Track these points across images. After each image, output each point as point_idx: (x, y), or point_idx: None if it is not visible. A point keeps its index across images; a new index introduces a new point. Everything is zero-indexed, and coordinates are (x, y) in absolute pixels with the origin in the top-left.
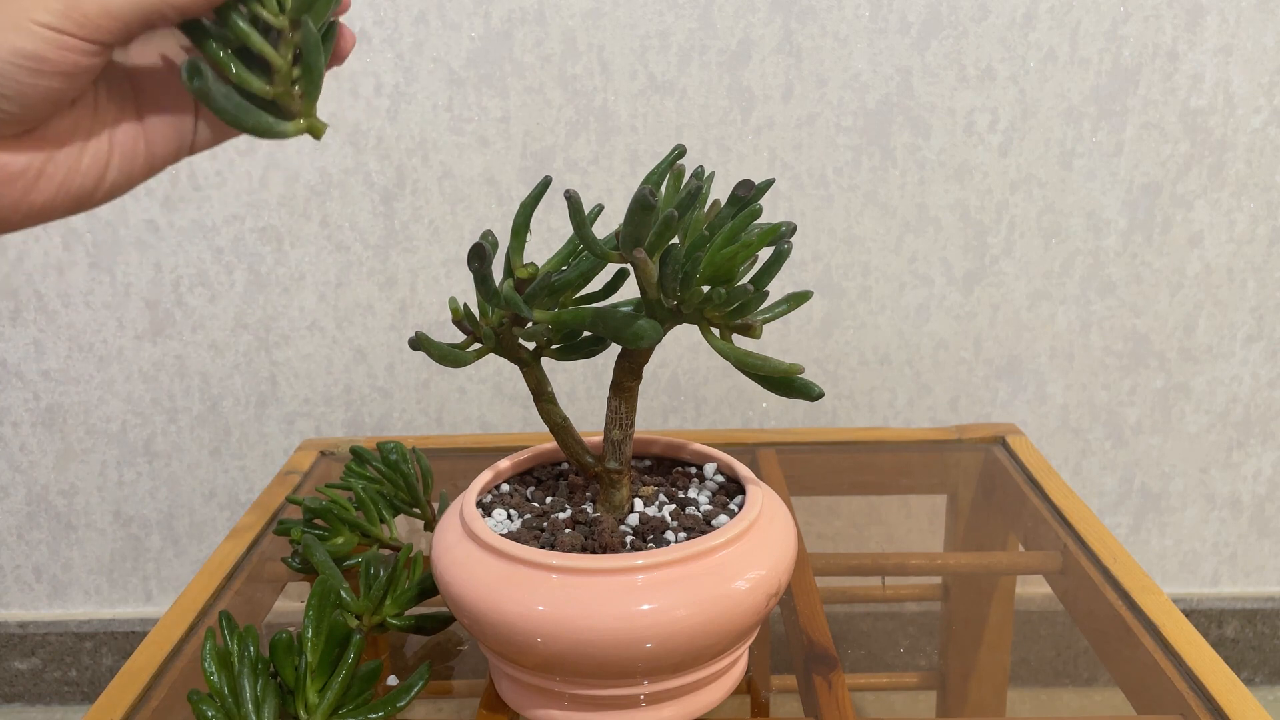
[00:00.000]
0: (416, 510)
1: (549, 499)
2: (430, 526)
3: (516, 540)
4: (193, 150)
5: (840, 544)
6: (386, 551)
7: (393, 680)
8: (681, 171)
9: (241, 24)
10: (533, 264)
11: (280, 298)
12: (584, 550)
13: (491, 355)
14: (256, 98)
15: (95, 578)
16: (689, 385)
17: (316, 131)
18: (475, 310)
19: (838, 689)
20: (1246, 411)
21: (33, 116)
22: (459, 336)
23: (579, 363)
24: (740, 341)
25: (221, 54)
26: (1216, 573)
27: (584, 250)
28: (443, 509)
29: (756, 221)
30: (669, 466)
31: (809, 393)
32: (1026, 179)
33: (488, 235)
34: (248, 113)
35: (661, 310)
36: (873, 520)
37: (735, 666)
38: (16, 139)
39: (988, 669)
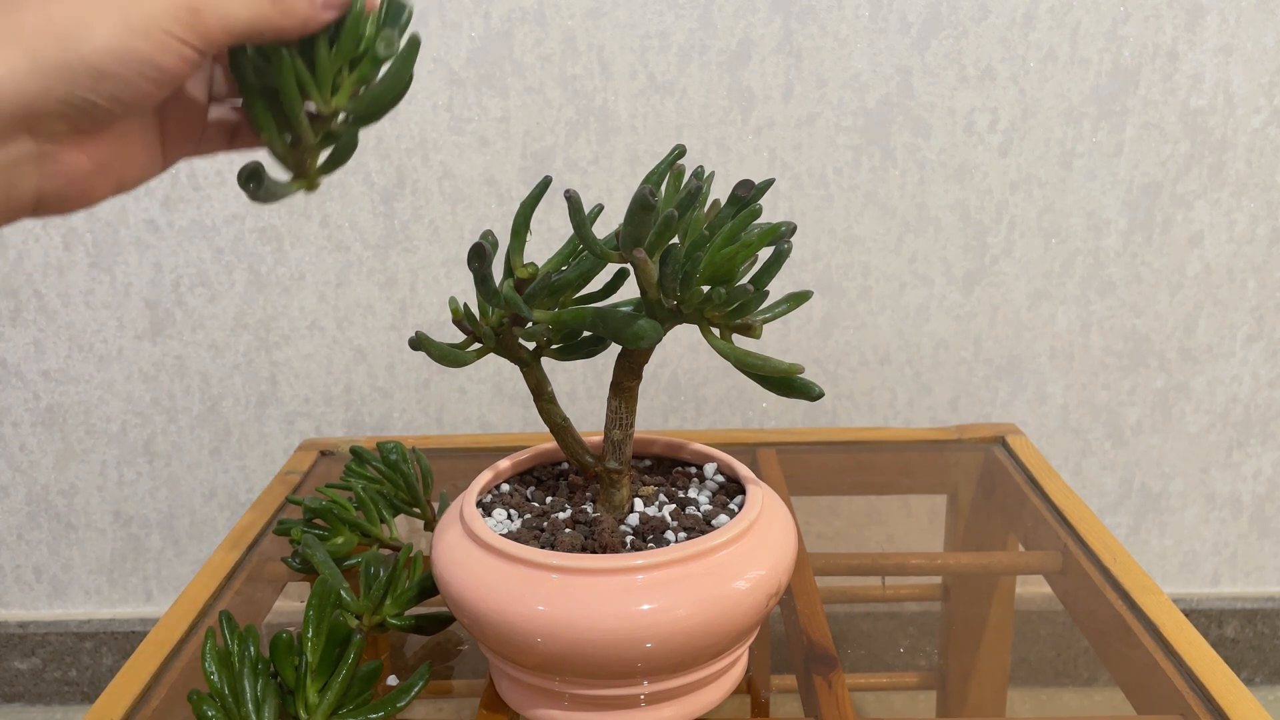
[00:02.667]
0: (416, 510)
1: (549, 499)
2: (430, 526)
3: (516, 540)
4: (198, 153)
5: (840, 544)
6: (386, 551)
7: (393, 680)
8: (681, 171)
9: (294, 101)
10: (533, 264)
11: (280, 298)
12: (584, 550)
13: (491, 355)
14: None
15: (95, 578)
16: (689, 385)
17: (314, 188)
18: (475, 310)
19: (838, 689)
20: (1246, 411)
21: (124, 115)
22: (459, 336)
23: (579, 363)
24: (740, 341)
25: (258, 109)
26: (1216, 573)
27: (584, 250)
28: (443, 509)
29: (756, 221)
30: (669, 466)
31: (809, 393)
32: (1026, 179)
33: (488, 235)
34: (273, 197)
35: (661, 310)
36: (873, 520)
37: (735, 666)
38: (94, 136)
39: (988, 669)
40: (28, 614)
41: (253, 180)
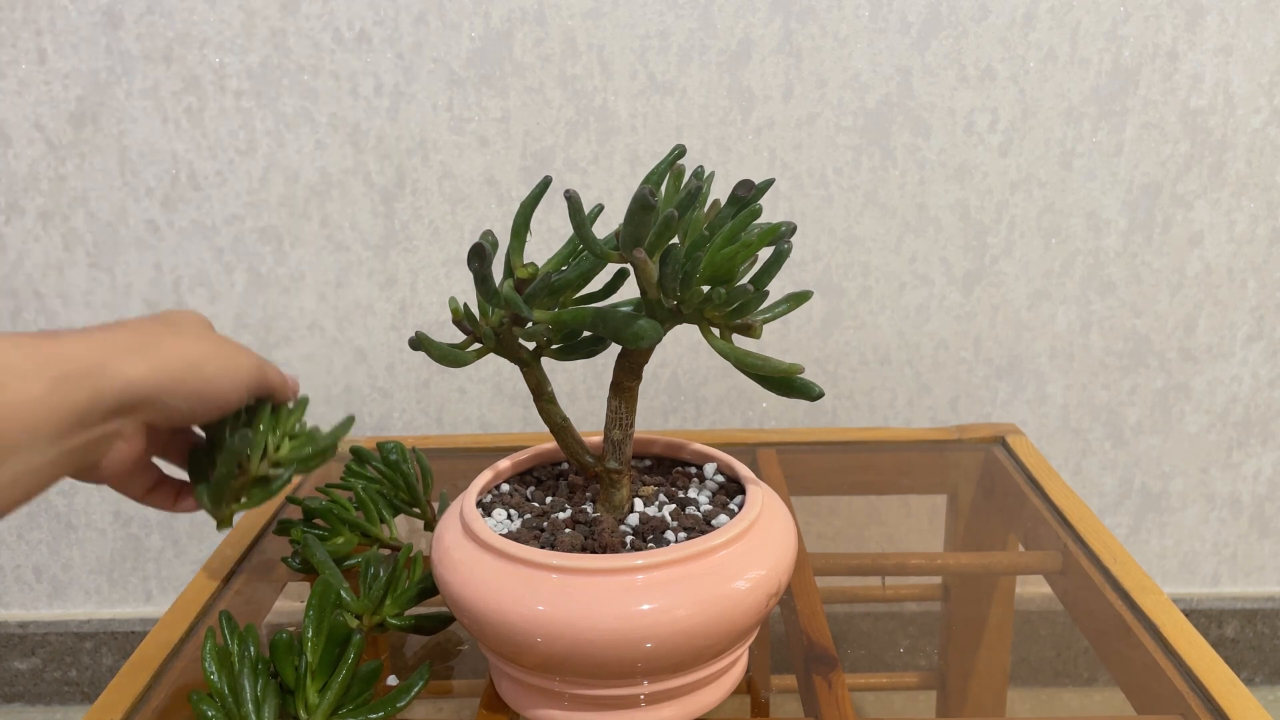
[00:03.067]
0: (416, 510)
1: (549, 499)
2: (430, 526)
3: (516, 540)
4: (145, 500)
5: (840, 544)
6: (386, 551)
7: (393, 680)
8: (681, 171)
9: (228, 474)
10: (533, 264)
11: (280, 298)
12: (584, 550)
13: (491, 355)
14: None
15: (95, 578)
16: (689, 385)
17: (225, 523)
18: (475, 310)
19: (838, 689)
20: (1246, 411)
21: (178, 424)
22: (459, 336)
23: (579, 363)
24: (740, 341)
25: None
26: (1216, 573)
27: (584, 250)
28: (443, 509)
29: (756, 221)
30: (669, 466)
31: (809, 393)
32: (1026, 179)
33: (488, 235)
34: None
35: (661, 310)
36: (873, 520)
37: (735, 666)
38: (147, 436)
39: (988, 669)
40: (28, 614)
41: (203, 499)
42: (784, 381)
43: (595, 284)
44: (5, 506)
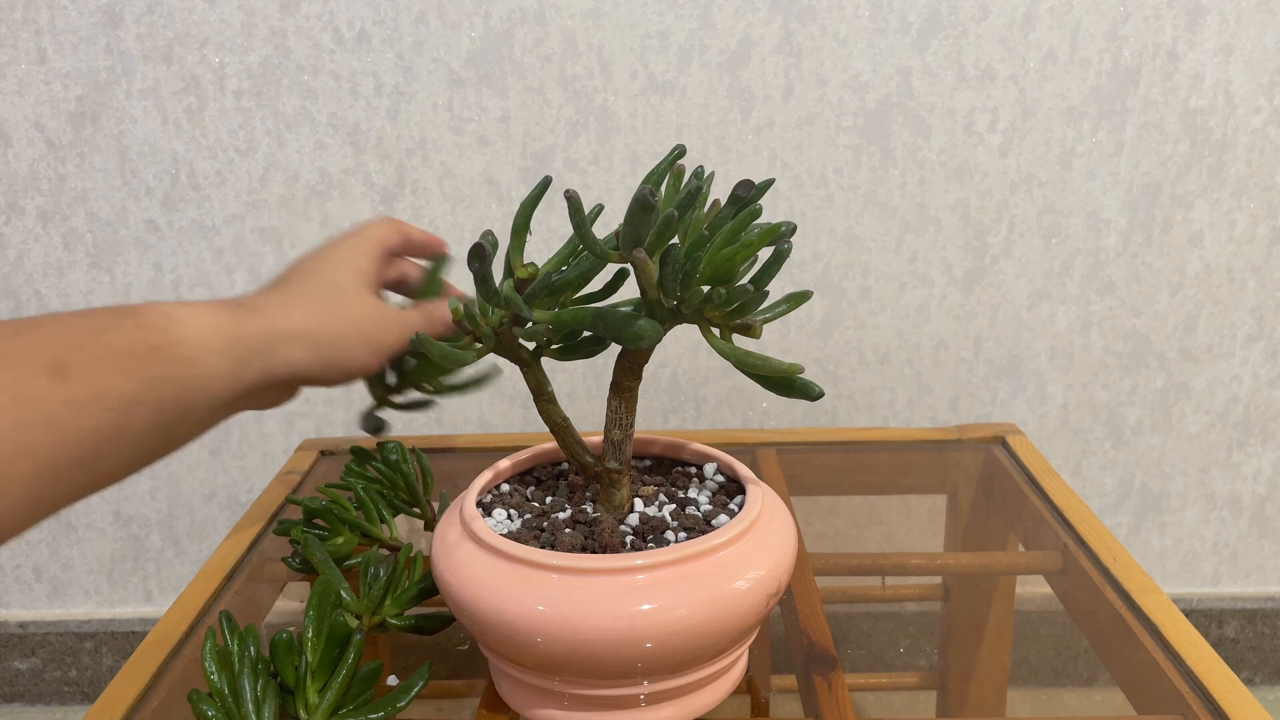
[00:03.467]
0: (416, 510)
1: (549, 499)
2: (430, 526)
3: (516, 540)
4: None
5: (840, 544)
6: (386, 551)
7: (393, 680)
8: (681, 171)
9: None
10: (533, 264)
11: None
12: (584, 550)
13: (491, 355)
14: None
15: (95, 578)
16: (689, 385)
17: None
18: (475, 310)
19: (838, 689)
20: (1246, 411)
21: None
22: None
23: (579, 363)
24: (740, 341)
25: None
26: (1216, 573)
27: (584, 250)
28: (443, 509)
29: (756, 221)
30: (669, 466)
31: (809, 393)
32: (1026, 179)
33: (488, 235)
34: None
35: (661, 310)
36: (873, 520)
37: (735, 666)
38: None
39: (988, 669)
40: (28, 614)
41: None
42: (784, 381)
43: (595, 284)
44: (175, 444)
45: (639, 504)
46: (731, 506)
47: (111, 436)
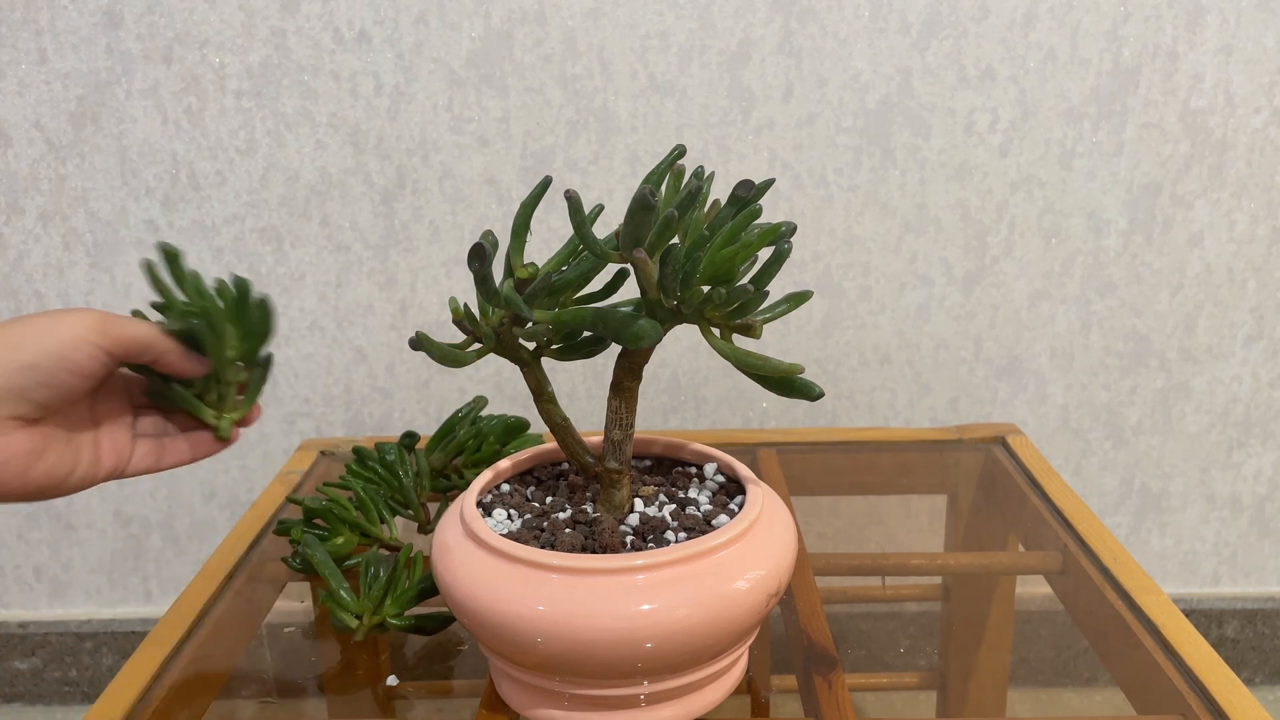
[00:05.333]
0: (410, 512)
1: (549, 499)
2: (423, 528)
3: (516, 540)
4: (128, 469)
5: (840, 544)
6: (386, 551)
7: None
8: (681, 171)
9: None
10: (533, 264)
11: (280, 298)
12: (584, 550)
13: (491, 355)
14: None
15: (95, 578)
16: (689, 385)
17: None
18: (475, 310)
19: (838, 689)
20: (1246, 411)
21: (54, 406)
22: (459, 336)
23: (579, 363)
24: (740, 341)
25: (178, 395)
26: (1216, 573)
27: (584, 250)
28: (442, 509)
29: (756, 221)
30: (669, 466)
31: (809, 393)
32: (1026, 179)
33: (488, 235)
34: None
35: (661, 310)
36: (873, 520)
37: (735, 666)
38: (33, 423)
39: (988, 669)
40: (28, 614)
41: (153, 393)
42: (784, 381)
43: (595, 284)
44: None
45: (639, 504)
46: (731, 506)
47: None
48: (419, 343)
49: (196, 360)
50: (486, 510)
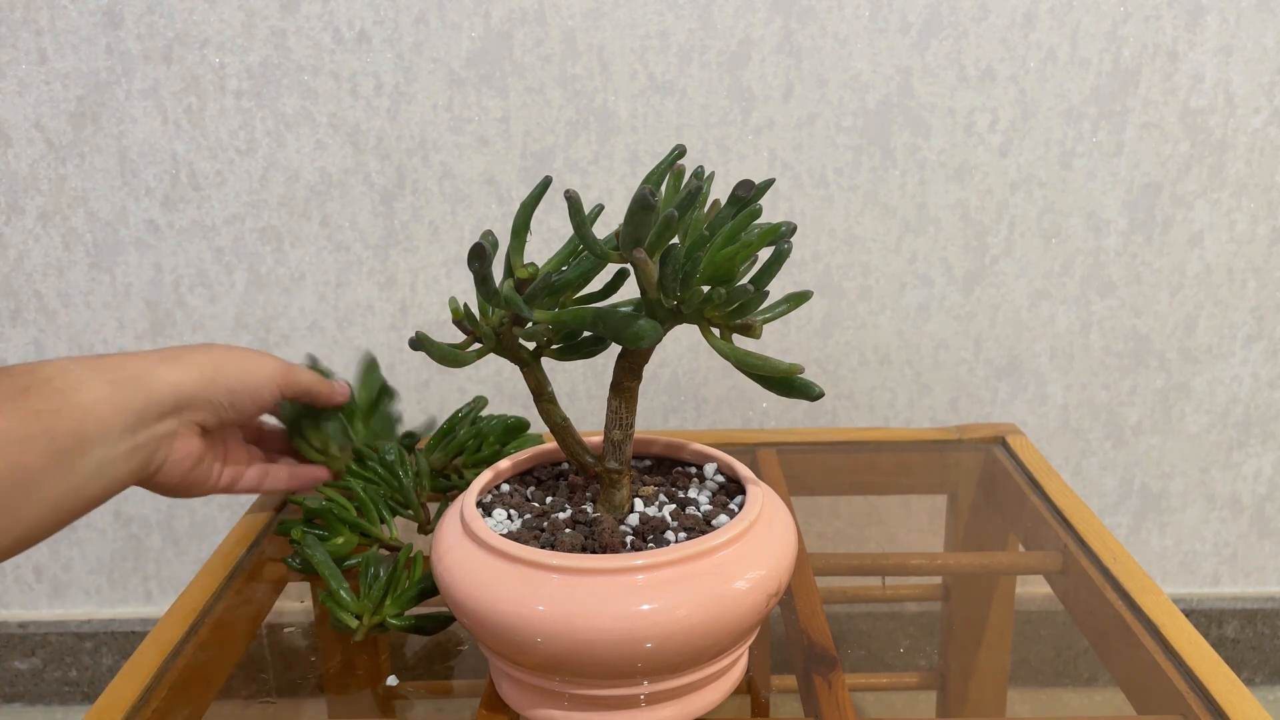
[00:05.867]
0: (410, 512)
1: (549, 499)
2: (423, 529)
3: (516, 540)
4: (236, 486)
5: (840, 544)
6: (386, 551)
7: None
8: (681, 171)
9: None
10: (533, 264)
11: (280, 298)
12: (584, 550)
13: (491, 355)
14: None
15: (95, 578)
16: (689, 385)
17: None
18: (475, 310)
19: (838, 689)
20: (1247, 411)
21: (229, 424)
22: (459, 336)
23: (579, 363)
24: (740, 341)
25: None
26: (1216, 573)
27: (584, 250)
28: (442, 509)
29: (756, 221)
30: (669, 466)
31: (809, 393)
32: (1026, 179)
33: (488, 235)
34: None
35: (661, 310)
36: (873, 520)
37: (735, 666)
38: (206, 433)
39: (988, 669)
40: (28, 614)
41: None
42: (784, 381)
43: (595, 284)
44: (92, 497)
45: (639, 504)
46: (731, 506)
47: (12, 480)
48: (419, 343)
49: (343, 392)
50: (486, 510)
